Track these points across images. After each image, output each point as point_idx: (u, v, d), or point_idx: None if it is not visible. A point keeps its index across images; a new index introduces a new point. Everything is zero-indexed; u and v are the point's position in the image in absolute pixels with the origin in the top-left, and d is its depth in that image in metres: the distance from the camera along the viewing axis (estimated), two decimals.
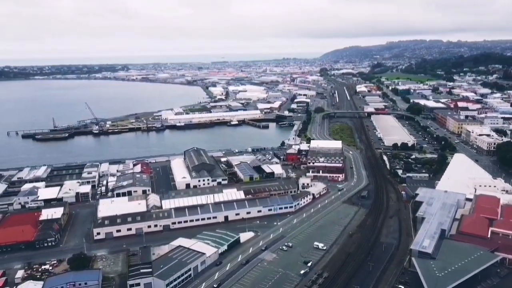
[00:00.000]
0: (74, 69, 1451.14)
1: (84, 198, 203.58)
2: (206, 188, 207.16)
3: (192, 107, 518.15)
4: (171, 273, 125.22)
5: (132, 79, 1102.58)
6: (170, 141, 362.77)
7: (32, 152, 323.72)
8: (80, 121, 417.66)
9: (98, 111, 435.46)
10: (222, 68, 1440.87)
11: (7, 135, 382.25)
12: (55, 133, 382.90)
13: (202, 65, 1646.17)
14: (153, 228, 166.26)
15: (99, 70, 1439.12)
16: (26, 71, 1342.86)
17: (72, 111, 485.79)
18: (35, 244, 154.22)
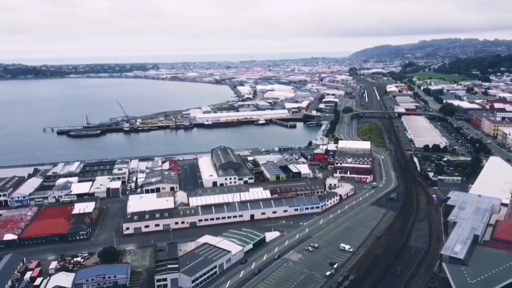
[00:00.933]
0: (106, 68, 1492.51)
1: (114, 194, 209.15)
2: (232, 187, 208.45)
3: (220, 106, 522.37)
4: (197, 269, 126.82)
5: (162, 78, 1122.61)
6: (198, 139, 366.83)
7: (66, 148, 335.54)
8: (112, 119, 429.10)
9: (129, 109, 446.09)
10: (250, 67, 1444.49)
11: (43, 131, 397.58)
12: (88, 130, 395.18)
13: (230, 64, 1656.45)
14: (180, 224, 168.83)
15: (130, 69, 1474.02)
16: (62, 70, 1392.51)
17: (104, 108, 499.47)
18: (68, 237, 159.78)
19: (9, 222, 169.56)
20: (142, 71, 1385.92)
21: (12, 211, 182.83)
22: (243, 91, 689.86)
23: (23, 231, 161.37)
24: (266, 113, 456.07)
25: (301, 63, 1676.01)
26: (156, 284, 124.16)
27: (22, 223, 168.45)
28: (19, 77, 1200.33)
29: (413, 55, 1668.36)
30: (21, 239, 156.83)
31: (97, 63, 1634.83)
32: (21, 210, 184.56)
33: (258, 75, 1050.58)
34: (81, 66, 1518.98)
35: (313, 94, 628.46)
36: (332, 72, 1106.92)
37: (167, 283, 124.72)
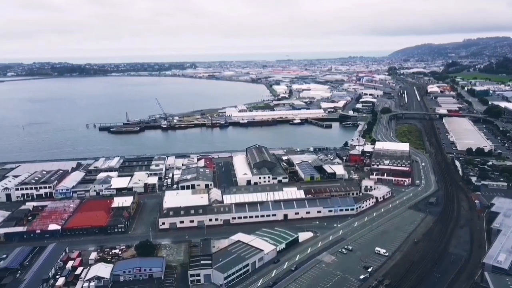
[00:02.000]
0: (146, 66, 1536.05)
1: (151, 189, 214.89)
2: (266, 186, 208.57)
3: (256, 105, 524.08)
4: (230, 266, 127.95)
5: (199, 77, 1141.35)
6: (233, 138, 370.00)
7: (107, 143, 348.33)
8: (150, 116, 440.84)
9: (167, 107, 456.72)
10: (286, 66, 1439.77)
11: (86, 127, 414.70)
12: (128, 126, 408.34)
13: (267, 63, 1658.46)
14: (214, 221, 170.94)
15: (169, 67, 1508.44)
16: (104, 68, 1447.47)
17: (143, 106, 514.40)
18: (107, 229, 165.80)
19: (53, 213, 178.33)
20: (180, 69, 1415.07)
21: (56, 203, 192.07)
22: (278, 90, 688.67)
23: (66, 222, 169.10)
24: (302, 112, 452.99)
25: (338, 62, 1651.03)
26: (190, 279, 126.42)
27: (65, 214, 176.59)
28: (65, 75, 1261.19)
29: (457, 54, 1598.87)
30: (64, 230, 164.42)
31: (138, 62, 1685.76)
32: (65, 202, 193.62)
33: (294, 74, 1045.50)
34: (122, 64, 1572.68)
35: (350, 94, 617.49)
36: (370, 71, 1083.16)
37: (200, 278, 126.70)
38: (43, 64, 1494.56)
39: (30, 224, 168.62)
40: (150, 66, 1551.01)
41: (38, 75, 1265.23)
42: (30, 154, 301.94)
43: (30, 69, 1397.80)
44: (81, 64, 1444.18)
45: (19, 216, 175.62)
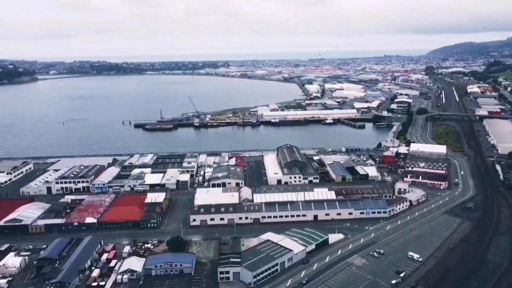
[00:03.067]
0: (180, 65, 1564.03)
1: (183, 186, 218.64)
2: (297, 186, 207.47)
3: (287, 104, 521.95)
4: (259, 265, 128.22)
5: (231, 75, 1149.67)
6: (264, 137, 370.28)
7: (141, 140, 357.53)
8: (183, 114, 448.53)
9: (200, 105, 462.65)
10: (319, 66, 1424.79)
11: (122, 124, 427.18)
12: (162, 124, 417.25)
13: (299, 62, 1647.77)
14: (244, 220, 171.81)
15: (202, 66, 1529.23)
16: (140, 67, 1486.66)
17: (177, 104, 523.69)
18: (140, 224, 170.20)
19: (90, 206, 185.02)
20: (213, 68, 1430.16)
21: (93, 197, 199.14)
22: (311, 89, 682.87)
23: (102, 216, 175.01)
24: (334, 112, 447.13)
25: (373, 61, 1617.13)
26: (219, 276, 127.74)
27: (101, 208, 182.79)
28: (103, 73, 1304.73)
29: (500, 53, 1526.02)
30: (100, 223, 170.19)
31: (172, 61, 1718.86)
32: (101, 196, 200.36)
33: (327, 74, 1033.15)
34: (157, 63, 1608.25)
35: (385, 93, 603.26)
36: (406, 71, 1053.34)
37: (230, 276, 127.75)
38: (82, 62, 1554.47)
39: (68, 217, 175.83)
40: (184, 64, 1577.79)
41: (78, 73, 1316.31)
42: (69, 150, 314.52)
43: (70, 67, 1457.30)
44: (118, 63, 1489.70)
45: (58, 209, 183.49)
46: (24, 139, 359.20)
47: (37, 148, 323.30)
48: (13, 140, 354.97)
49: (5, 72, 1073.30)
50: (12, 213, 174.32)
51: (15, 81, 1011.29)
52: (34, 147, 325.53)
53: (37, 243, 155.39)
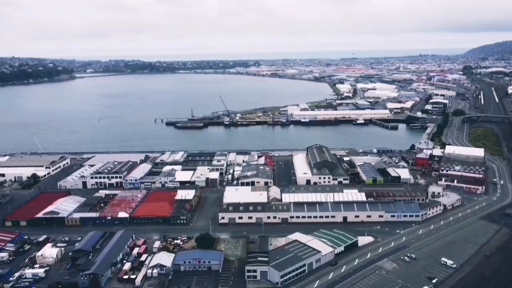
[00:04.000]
0: (211, 64, 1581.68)
1: (212, 184, 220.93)
2: (326, 186, 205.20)
3: (318, 104, 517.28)
4: (286, 265, 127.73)
5: (262, 74, 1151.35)
6: (294, 136, 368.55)
7: (173, 138, 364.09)
8: (214, 112, 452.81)
9: (230, 104, 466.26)
10: (351, 65, 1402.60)
11: (154, 122, 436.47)
12: (193, 122, 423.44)
13: (331, 61, 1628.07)
14: (272, 219, 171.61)
15: (233, 65, 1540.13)
16: (173, 66, 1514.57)
17: (207, 103, 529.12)
18: (170, 220, 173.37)
19: (122, 201, 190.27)
20: (244, 67, 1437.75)
21: (126, 192, 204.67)
22: (342, 89, 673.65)
23: (134, 211, 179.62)
24: (366, 112, 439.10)
25: (407, 60, 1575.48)
26: (246, 274, 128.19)
27: (133, 203, 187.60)
28: (137, 72, 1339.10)
29: None
30: (132, 218, 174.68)
31: (204, 60, 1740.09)
32: (133, 191, 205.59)
33: (359, 73, 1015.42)
34: (189, 62, 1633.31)
35: (419, 94, 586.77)
36: (442, 70, 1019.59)
37: (257, 274, 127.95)
38: (118, 61, 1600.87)
39: (102, 211, 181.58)
40: (215, 63, 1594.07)
41: (113, 71, 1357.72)
42: (104, 146, 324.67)
43: (106, 66, 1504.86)
44: (152, 62, 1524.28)
45: (92, 203, 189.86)
46: (62, 135, 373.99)
47: (74, 143, 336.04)
48: (51, 136, 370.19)
49: (46, 70, 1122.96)
50: (50, 205, 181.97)
51: (55, 79, 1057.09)
52: (71, 143, 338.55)
53: (72, 235, 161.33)
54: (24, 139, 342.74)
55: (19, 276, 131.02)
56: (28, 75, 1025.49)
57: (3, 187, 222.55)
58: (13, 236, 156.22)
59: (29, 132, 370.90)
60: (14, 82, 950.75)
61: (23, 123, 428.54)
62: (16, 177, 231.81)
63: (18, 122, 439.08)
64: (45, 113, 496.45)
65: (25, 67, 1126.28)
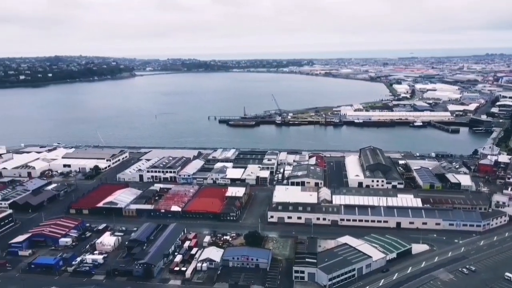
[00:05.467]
0: (265, 63, 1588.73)
1: (262, 182, 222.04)
2: (379, 190, 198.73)
3: (373, 104, 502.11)
4: (335, 268, 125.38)
5: (315, 74, 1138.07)
6: (346, 137, 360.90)
7: (225, 135, 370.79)
8: (266, 111, 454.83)
9: (282, 103, 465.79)
10: (410, 65, 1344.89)
11: (208, 119, 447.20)
12: (245, 120, 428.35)
13: (388, 60, 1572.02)
14: (322, 221, 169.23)
15: (286, 64, 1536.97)
16: (227, 65, 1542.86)
17: (260, 101, 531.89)
18: (220, 216, 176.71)
19: (176, 196, 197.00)
20: (297, 66, 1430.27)
21: (179, 187, 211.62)
22: (399, 89, 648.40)
23: (186, 205, 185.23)
24: (424, 114, 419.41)
25: (471, 60, 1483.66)
26: (294, 275, 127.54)
27: (186, 198, 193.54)
28: (193, 70, 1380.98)
29: None
30: (184, 212, 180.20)
31: (257, 59, 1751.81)
32: (186, 186, 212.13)
33: (418, 73, 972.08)
34: (243, 61, 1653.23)
35: (484, 96, 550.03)
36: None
37: (304, 276, 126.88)
38: (175, 60, 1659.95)
39: (156, 204, 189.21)
40: (269, 62, 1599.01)
41: (171, 70, 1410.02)
42: (160, 141, 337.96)
43: (164, 64, 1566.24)
44: (207, 61, 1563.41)
45: (148, 196, 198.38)
46: (122, 130, 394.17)
47: (132, 138, 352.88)
48: (112, 130, 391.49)
49: (109, 68, 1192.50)
50: (109, 196, 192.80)
51: (117, 76, 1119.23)
52: (130, 138, 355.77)
53: (129, 225, 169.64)
54: (89, 133, 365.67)
55: (80, 261, 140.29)
56: (93, 72, 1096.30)
57: (69, 177, 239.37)
58: (76, 223, 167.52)
59: (93, 126, 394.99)
60: (81, 79, 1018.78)
61: (88, 118, 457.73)
62: (80, 168, 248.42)
63: (84, 117, 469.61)
64: (108, 109, 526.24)
65: (91, 65, 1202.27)
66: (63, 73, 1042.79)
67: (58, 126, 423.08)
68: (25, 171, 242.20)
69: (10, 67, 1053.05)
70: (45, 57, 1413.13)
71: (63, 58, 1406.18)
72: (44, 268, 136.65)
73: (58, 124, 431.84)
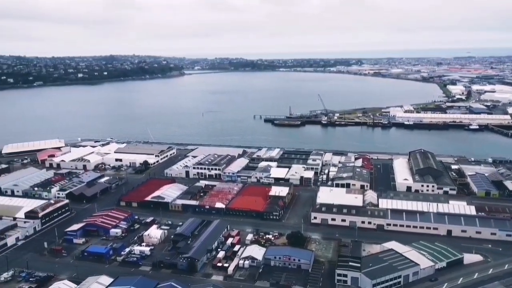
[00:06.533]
0: (312, 62, 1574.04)
1: (306, 183, 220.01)
2: (429, 195, 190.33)
3: (424, 106, 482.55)
4: (379, 274, 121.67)
5: (364, 74, 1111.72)
6: (395, 139, 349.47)
7: (270, 134, 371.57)
8: (312, 111, 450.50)
9: (328, 103, 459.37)
10: (466, 64, 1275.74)
11: (253, 118, 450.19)
12: (290, 120, 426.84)
13: (442, 60, 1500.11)
14: (367, 224, 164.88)
15: (334, 64, 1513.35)
16: (273, 64, 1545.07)
17: (306, 101, 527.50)
18: (263, 215, 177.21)
19: (220, 192, 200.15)
20: (345, 66, 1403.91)
21: (223, 184, 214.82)
22: (454, 90, 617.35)
23: (230, 202, 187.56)
24: (481, 117, 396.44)
25: None
26: (337, 278, 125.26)
27: (230, 195, 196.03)
28: (240, 69, 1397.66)
29: None
30: (227, 209, 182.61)
31: (304, 58, 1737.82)
32: (230, 184, 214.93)
33: (475, 73, 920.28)
34: (289, 61, 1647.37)
35: None
36: None
37: (347, 280, 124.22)
38: (222, 59, 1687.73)
39: (201, 200, 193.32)
40: (316, 62, 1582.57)
41: (218, 69, 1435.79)
42: (206, 139, 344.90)
43: (212, 63, 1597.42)
44: (254, 60, 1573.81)
45: (193, 191, 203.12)
46: (170, 127, 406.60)
47: (180, 135, 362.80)
48: (161, 127, 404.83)
49: (160, 67, 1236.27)
50: (157, 190, 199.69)
51: (167, 75, 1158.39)
52: (178, 135, 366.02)
53: (174, 219, 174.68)
54: (139, 129, 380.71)
55: (129, 251, 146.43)
56: (145, 71, 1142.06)
57: (120, 171, 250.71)
58: (126, 215, 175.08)
59: (144, 123, 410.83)
60: (133, 77, 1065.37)
61: (139, 115, 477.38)
62: (131, 163, 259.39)
63: (135, 114, 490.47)
64: (157, 107, 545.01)
65: (143, 64, 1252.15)
66: (117, 71, 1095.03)
67: (112, 122, 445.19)
68: (81, 164, 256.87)
69: (70, 66, 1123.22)
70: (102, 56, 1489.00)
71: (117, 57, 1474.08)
72: (95, 256, 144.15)
73: (112, 120, 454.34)
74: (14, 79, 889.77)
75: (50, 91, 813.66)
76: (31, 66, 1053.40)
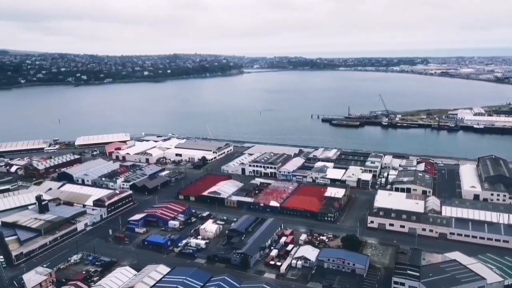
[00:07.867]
0: (374, 61, 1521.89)
1: (364, 185, 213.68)
2: (499, 205, 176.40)
3: (498, 108, 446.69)
4: (440, 285, 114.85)
5: (429, 73, 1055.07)
6: (462, 144, 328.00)
7: (327, 134, 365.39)
8: (372, 112, 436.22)
9: (390, 104, 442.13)
10: None
11: (311, 117, 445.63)
12: (349, 120, 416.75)
13: None
14: (428, 232, 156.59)
15: (397, 63, 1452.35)
16: (333, 63, 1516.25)
17: (365, 101, 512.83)
18: (318, 215, 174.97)
19: (275, 191, 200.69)
20: (410, 65, 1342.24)
21: (278, 183, 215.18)
22: None
23: (284, 201, 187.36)
24: None
25: None
26: (393, 285, 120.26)
27: (284, 194, 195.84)
28: (298, 68, 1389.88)
29: None
30: (282, 208, 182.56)
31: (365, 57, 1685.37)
32: (285, 183, 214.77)
33: None
34: (350, 59, 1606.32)
35: None
36: None
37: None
38: (281, 58, 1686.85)
39: (256, 197, 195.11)
40: (378, 61, 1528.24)
41: (277, 67, 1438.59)
42: (262, 137, 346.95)
43: (271, 62, 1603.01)
44: (313, 59, 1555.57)
45: (249, 189, 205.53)
46: (228, 125, 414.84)
47: (237, 133, 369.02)
48: (220, 124, 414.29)
49: (220, 66, 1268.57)
50: (214, 186, 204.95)
51: (226, 73, 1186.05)
52: (235, 132, 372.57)
53: (229, 215, 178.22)
54: (198, 126, 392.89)
55: (186, 243, 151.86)
56: (206, 69, 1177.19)
57: (180, 166, 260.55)
58: (184, 208, 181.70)
59: (203, 120, 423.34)
60: (195, 75, 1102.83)
61: (198, 112, 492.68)
62: (190, 158, 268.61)
63: (195, 111, 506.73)
64: (217, 104, 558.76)
65: (204, 63, 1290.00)
66: (180, 69, 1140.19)
67: (173, 118, 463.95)
68: (144, 157, 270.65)
69: (137, 64, 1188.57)
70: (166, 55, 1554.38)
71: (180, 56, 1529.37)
72: (155, 246, 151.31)
73: (173, 117, 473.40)
74: (87, 76, 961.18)
75: (118, 87, 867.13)
76: (102, 64, 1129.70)
